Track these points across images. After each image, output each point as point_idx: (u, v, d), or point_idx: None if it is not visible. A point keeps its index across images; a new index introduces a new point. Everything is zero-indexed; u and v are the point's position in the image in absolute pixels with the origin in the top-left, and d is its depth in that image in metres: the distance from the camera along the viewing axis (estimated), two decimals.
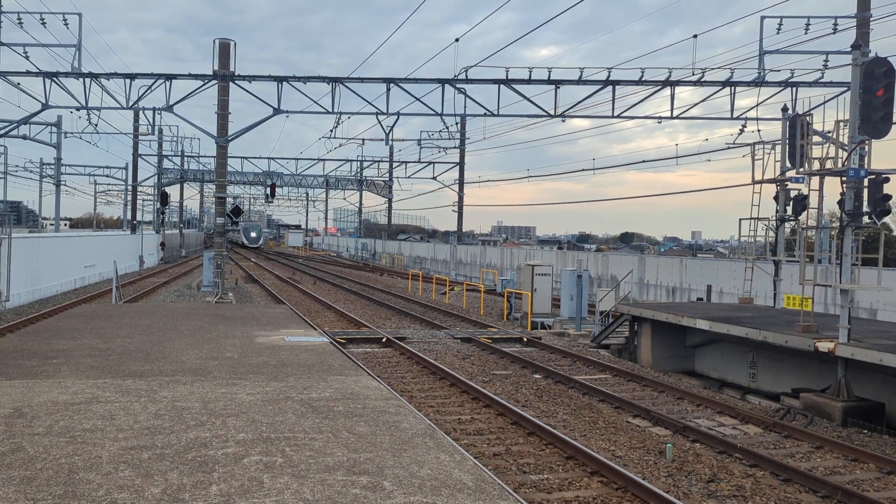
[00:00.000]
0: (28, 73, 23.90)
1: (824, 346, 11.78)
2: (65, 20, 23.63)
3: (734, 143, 23.26)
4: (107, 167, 55.42)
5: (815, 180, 13.56)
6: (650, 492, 7.61)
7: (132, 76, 24.44)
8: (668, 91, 23.74)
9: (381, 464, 6.11)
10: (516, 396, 12.67)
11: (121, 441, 6.55)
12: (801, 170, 15.34)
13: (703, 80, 23.12)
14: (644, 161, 53.87)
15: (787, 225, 17.89)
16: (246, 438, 6.73)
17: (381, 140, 39.99)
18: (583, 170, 49.24)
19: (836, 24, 20.70)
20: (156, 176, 54.97)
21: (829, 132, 14.21)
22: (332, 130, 34.28)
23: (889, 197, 12.61)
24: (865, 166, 12.72)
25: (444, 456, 6.41)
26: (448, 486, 5.65)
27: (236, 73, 24.78)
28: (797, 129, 15.70)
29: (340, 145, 43.27)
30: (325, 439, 6.79)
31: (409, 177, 55.56)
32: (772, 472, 8.83)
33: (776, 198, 17.79)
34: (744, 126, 24.16)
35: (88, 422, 7.16)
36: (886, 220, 15.47)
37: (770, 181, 17.48)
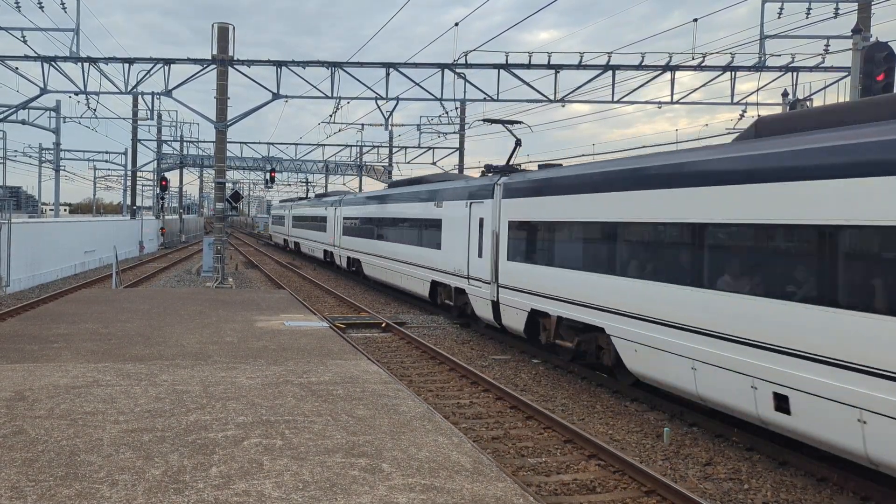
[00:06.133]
0: (26, 58, 23.78)
1: None
2: (62, 4, 23.52)
3: (734, 129, 23.26)
4: (106, 152, 55.24)
5: None
6: (647, 475, 7.68)
7: (131, 61, 24.34)
8: (668, 76, 23.66)
9: (380, 446, 6.16)
10: (515, 381, 12.73)
11: (121, 424, 6.59)
12: None
13: (703, 64, 23.03)
14: (644, 146, 53.58)
15: None
16: (246, 421, 6.78)
17: (381, 125, 39.92)
18: (583, 155, 48.80)
19: (837, 9, 20.60)
20: (155, 161, 54.84)
21: None
22: (331, 115, 34.22)
23: None
24: None
25: (443, 439, 6.46)
26: (446, 468, 5.70)
27: (235, 58, 24.69)
28: None
29: (340, 130, 43.03)
30: (325, 422, 6.84)
31: (408, 162, 55.23)
32: (768, 456, 8.89)
33: None
34: (744, 111, 24.10)
35: (89, 405, 7.21)
36: None
37: None
